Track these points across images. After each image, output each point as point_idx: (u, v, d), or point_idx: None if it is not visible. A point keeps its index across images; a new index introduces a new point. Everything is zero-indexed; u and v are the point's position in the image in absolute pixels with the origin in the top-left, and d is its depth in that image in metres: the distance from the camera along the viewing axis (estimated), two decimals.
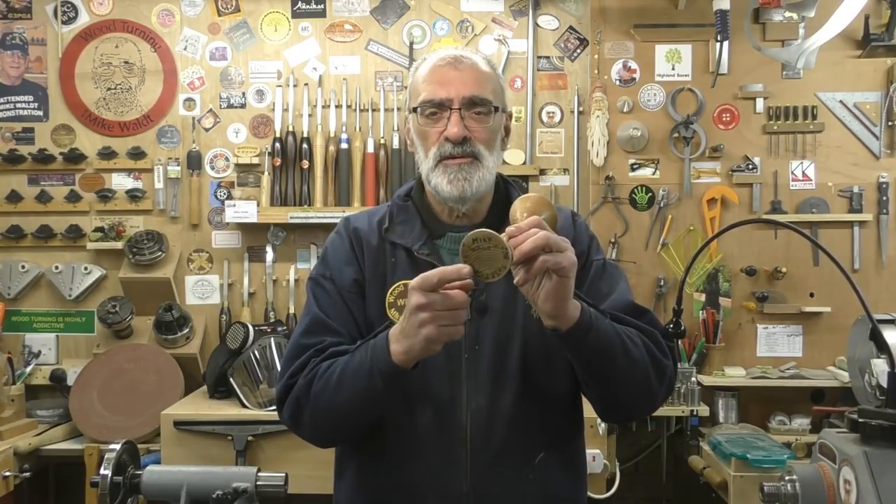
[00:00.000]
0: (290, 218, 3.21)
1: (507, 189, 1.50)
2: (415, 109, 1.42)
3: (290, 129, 3.30)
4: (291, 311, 3.28)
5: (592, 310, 1.28)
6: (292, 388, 1.37)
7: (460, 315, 1.19)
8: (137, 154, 3.35)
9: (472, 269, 1.16)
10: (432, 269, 1.19)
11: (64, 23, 3.36)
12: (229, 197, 3.32)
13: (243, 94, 3.38)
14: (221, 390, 2.90)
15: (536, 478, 1.40)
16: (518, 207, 1.25)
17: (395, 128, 3.30)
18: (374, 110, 3.31)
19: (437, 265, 1.39)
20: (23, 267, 3.33)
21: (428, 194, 1.47)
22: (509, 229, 1.18)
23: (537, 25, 3.34)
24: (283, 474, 1.50)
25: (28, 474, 2.70)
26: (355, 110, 3.31)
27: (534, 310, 1.26)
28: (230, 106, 3.38)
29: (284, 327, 3.09)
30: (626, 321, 1.36)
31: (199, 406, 2.84)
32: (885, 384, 1.17)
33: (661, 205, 3.19)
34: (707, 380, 3.02)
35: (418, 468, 1.38)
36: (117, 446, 1.49)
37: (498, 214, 1.45)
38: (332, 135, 3.30)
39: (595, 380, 1.34)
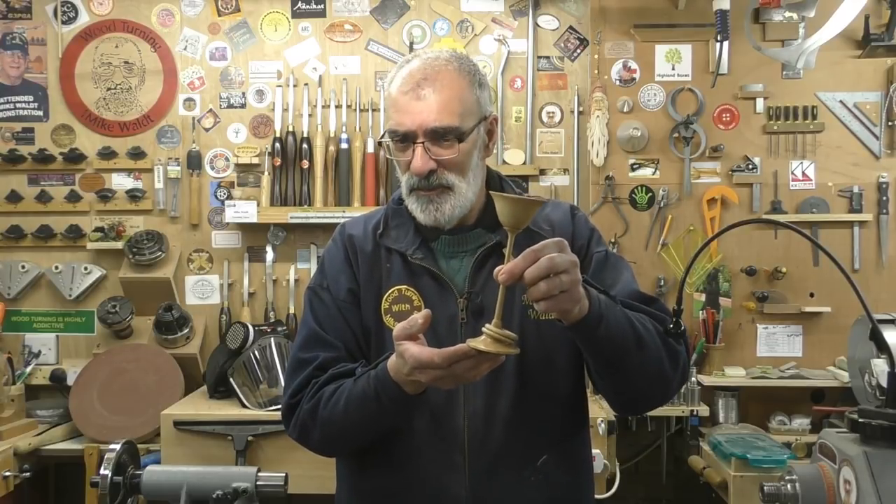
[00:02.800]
0: (290, 218, 3.21)
1: (502, 188, 1.46)
2: (383, 135, 1.41)
3: (290, 129, 3.29)
4: (291, 311, 3.28)
5: (602, 297, 1.26)
6: (296, 409, 1.39)
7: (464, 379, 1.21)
8: (137, 154, 3.35)
9: (478, 350, 1.16)
10: (428, 352, 1.18)
11: (64, 23, 3.36)
12: (229, 197, 3.32)
13: (243, 94, 3.37)
14: (221, 390, 2.90)
15: (538, 480, 1.38)
16: (502, 218, 1.19)
17: None
18: (374, 110, 3.31)
19: (432, 269, 1.40)
20: (23, 267, 3.33)
21: None
22: (501, 277, 1.15)
23: (537, 25, 3.34)
24: (283, 474, 1.51)
25: (28, 474, 2.70)
26: (355, 110, 3.31)
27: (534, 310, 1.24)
28: (230, 106, 3.38)
29: (284, 327, 3.10)
30: (637, 308, 1.34)
31: (198, 406, 2.84)
32: (885, 384, 1.17)
33: (661, 205, 3.19)
34: (707, 380, 3.01)
35: (417, 473, 1.37)
36: (117, 446, 1.50)
37: (493, 216, 1.44)
38: (332, 135, 3.30)
39: (609, 369, 1.31)
